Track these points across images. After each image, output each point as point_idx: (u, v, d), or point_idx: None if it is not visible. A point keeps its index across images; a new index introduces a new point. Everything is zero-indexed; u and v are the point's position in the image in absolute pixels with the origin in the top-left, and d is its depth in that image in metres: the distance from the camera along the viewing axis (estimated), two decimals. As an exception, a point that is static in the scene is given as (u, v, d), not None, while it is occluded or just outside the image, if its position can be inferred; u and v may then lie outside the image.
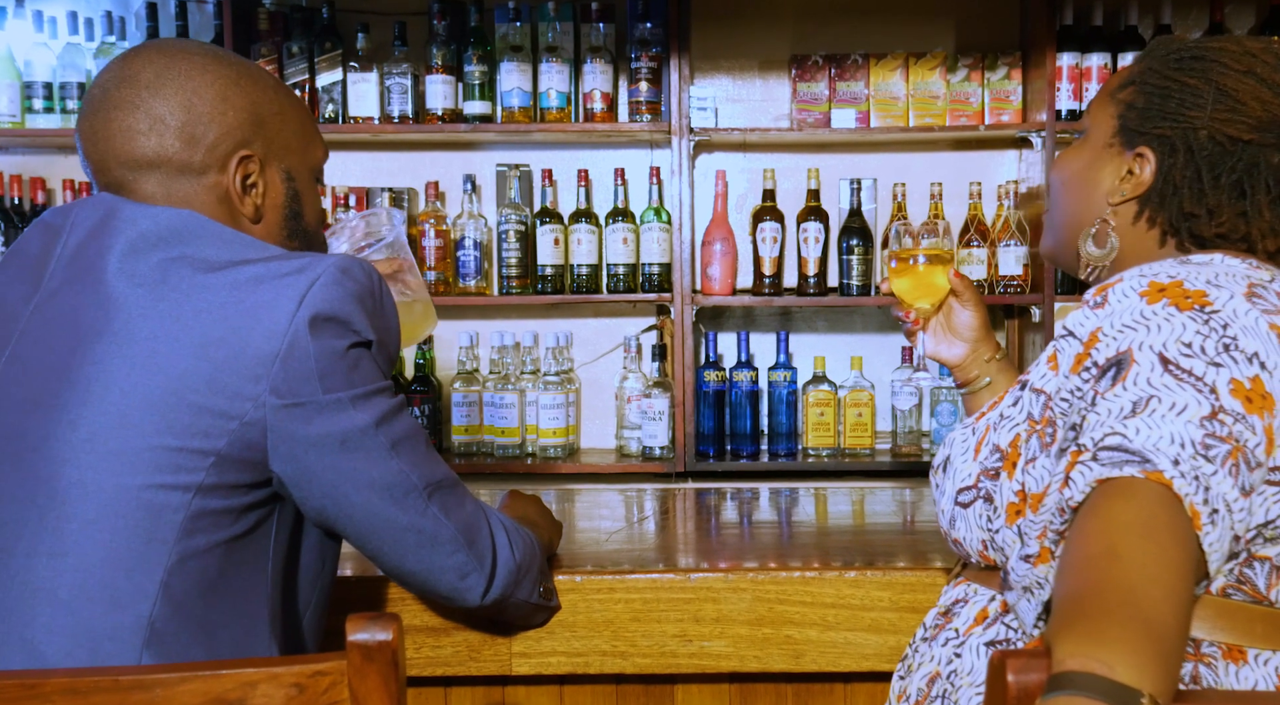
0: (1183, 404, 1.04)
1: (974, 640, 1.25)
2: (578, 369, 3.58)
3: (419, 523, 1.29)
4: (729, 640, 1.60)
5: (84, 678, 1.02)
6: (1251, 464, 1.03)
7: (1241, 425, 1.04)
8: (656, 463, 3.37)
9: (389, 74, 3.41)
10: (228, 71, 1.32)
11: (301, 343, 1.19)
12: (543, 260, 3.45)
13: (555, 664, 1.61)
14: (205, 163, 1.30)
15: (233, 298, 1.20)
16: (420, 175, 3.59)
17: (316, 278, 1.22)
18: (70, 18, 3.47)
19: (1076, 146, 1.35)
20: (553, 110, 3.41)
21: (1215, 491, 1.01)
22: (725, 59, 3.59)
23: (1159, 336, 1.09)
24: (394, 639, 1.04)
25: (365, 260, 1.31)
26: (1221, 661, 1.12)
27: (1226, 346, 1.08)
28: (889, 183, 3.47)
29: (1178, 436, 1.02)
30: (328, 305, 1.21)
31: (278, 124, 1.35)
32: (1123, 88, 1.30)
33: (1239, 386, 1.05)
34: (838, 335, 3.62)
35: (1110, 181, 1.29)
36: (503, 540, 1.38)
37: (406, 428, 1.29)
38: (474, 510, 1.36)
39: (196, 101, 1.29)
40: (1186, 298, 1.11)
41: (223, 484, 1.20)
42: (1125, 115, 1.28)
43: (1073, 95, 3.34)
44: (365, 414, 1.24)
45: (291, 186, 1.37)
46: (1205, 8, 3.43)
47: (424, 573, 1.33)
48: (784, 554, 1.76)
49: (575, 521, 2.18)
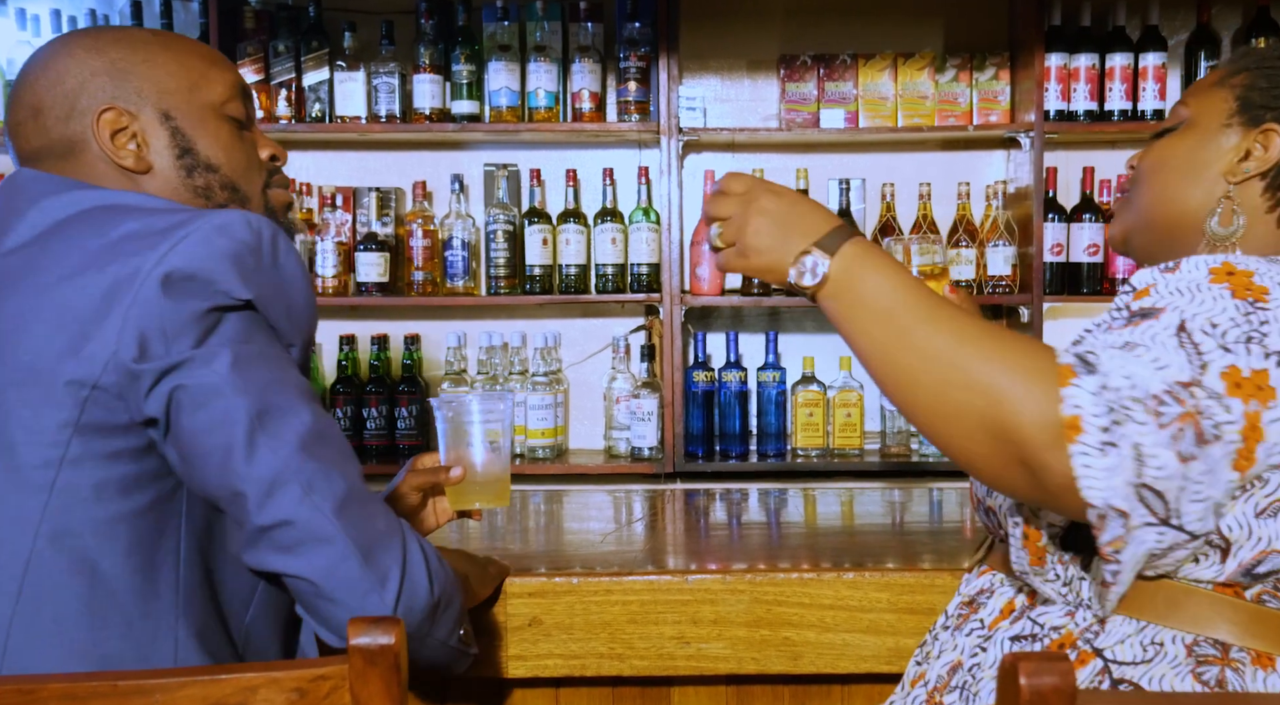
0: (1166, 363, 1.03)
1: (1000, 635, 1.24)
2: (566, 369, 3.57)
3: (293, 515, 1.16)
4: (727, 642, 1.60)
5: (82, 683, 1.01)
6: (1207, 437, 1.01)
7: (1213, 402, 1.02)
8: (645, 463, 3.36)
9: (376, 73, 3.40)
10: (86, 40, 1.32)
11: (150, 302, 1.14)
12: (531, 260, 3.44)
13: (551, 666, 1.59)
14: (82, 131, 1.29)
15: (97, 261, 1.17)
16: (407, 175, 3.57)
17: (187, 235, 1.16)
18: (54, 16, 3.44)
19: (1176, 136, 1.34)
20: (541, 110, 3.40)
21: (1127, 431, 0.99)
22: (714, 59, 3.59)
23: (1195, 308, 1.07)
24: (396, 642, 1.03)
25: (264, 217, 1.23)
26: (1250, 667, 1.12)
27: (1249, 338, 1.06)
28: (877, 183, 3.47)
29: (1136, 376, 1.01)
30: (187, 263, 1.15)
31: (145, 70, 1.31)
32: (1234, 74, 1.31)
33: (1234, 372, 1.04)
34: (826, 335, 3.61)
35: (1228, 161, 1.29)
36: (417, 559, 1.21)
37: (287, 403, 1.17)
38: (387, 527, 1.20)
39: (59, 79, 1.29)
40: (1247, 289, 1.09)
41: (88, 455, 1.15)
42: (1246, 96, 1.29)
43: (1061, 96, 3.34)
44: (216, 374, 1.15)
45: (171, 125, 1.32)
46: (1192, 9, 3.44)
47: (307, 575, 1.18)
48: (780, 555, 1.75)
49: (565, 523, 2.17)
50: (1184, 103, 1.35)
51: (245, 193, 1.37)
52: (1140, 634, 1.15)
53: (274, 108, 3.40)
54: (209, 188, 1.34)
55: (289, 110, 3.39)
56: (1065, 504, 1.03)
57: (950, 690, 1.26)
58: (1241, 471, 1.04)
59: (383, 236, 3.45)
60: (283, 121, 3.38)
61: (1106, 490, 1.00)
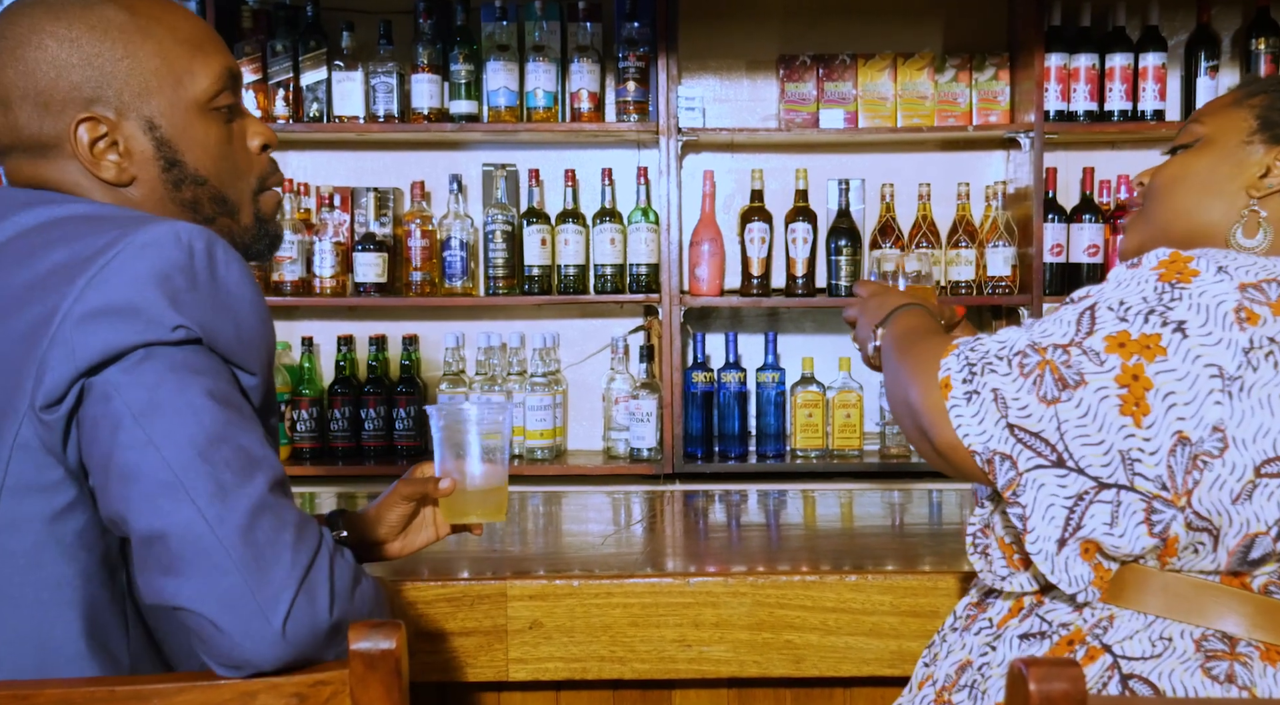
0: (1051, 331, 1.18)
1: (1009, 633, 1.25)
2: (565, 370, 3.55)
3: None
4: (728, 645, 1.59)
5: (79, 688, 1.00)
6: (1069, 381, 1.14)
7: (1085, 357, 1.15)
8: (644, 464, 3.35)
9: (374, 73, 3.38)
10: (57, 28, 1.18)
11: (65, 344, 1.03)
12: (529, 261, 3.43)
13: (553, 669, 1.58)
14: (55, 134, 1.18)
15: (24, 295, 1.06)
16: (406, 175, 3.56)
17: (107, 262, 1.04)
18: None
19: (1192, 152, 1.38)
20: (539, 110, 3.39)
21: (986, 380, 1.17)
22: (713, 59, 3.58)
23: (1113, 292, 1.18)
24: (397, 647, 1.02)
25: (197, 226, 1.11)
26: (1259, 662, 1.12)
27: (1152, 311, 1.15)
28: (877, 183, 3.46)
29: (1009, 339, 1.20)
30: (107, 295, 1.03)
31: (125, 70, 1.19)
32: (1252, 96, 1.36)
33: (1121, 335, 1.15)
34: (826, 336, 3.60)
35: (1250, 176, 1.33)
36: (321, 578, 1.06)
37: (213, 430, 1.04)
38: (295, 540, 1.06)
39: (29, 73, 1.17)
40: (1178, 274, 1.16)
41: (21, 518, 1.06)
42: (1267, 115, 1.33)
43: (1060, 96, 3.34)
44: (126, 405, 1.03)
45: (155, 135, 1.21)
46: (1192, 9, 3.44)
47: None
48: (780, 557, 1.74)
49: (565, 525, 2.16)
50: (1199, 121, 1.39)
51: (234, 203, 1.28)
52: (1149, 629, 1.16)
53: (271, 107, 3.38)
54: (197, 201, 1.24)
55: (287, 110, 3.38)
56: (959, 460, 1.19)
57: (959, 689, 1.26)
58: (1134, 417, 1.12)
59: (381, 237, 3.44)
60: (280, 121, 3.37)
61: (982, 434, 1.17)
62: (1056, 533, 1.15)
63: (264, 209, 1.32)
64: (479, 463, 1.46)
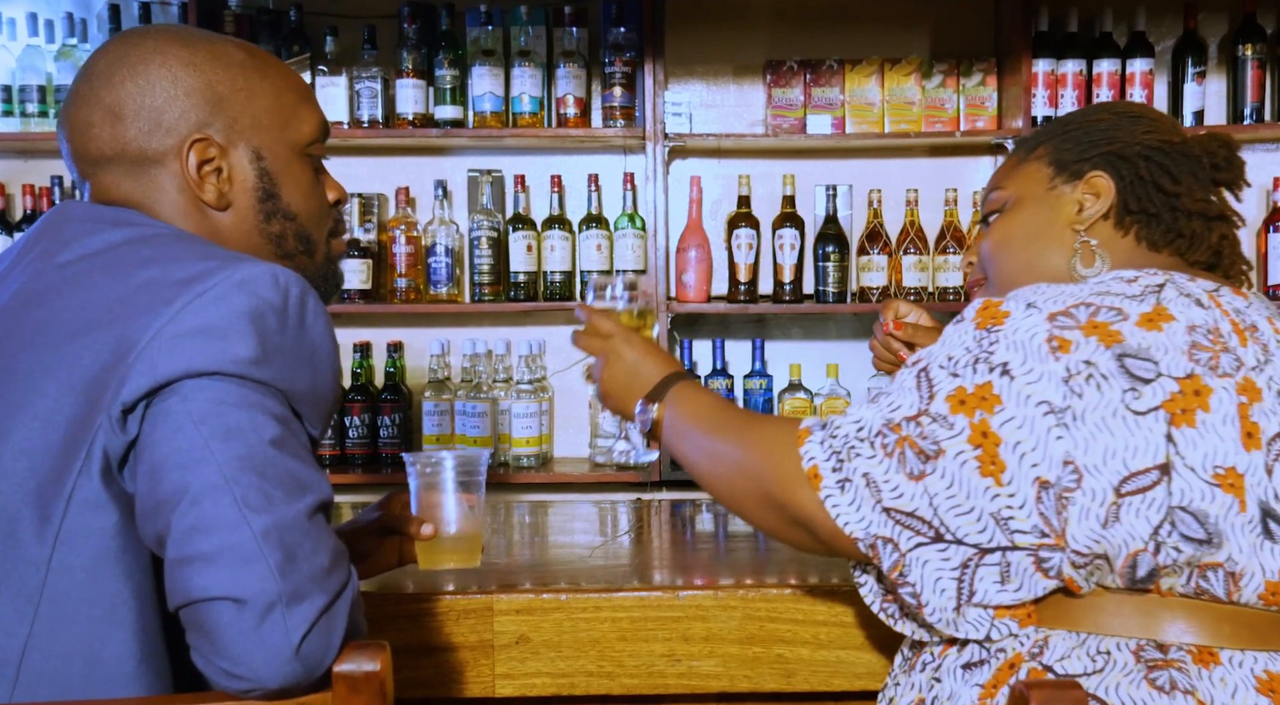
0: (899, 403, 1.19)
1: (949, 663, 1.25)
2: (551, 377, 3.53)
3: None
4: (719, 659, 1.57)
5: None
6: (929, 452, 1.15)
7: (937, 424, 1.16)
8: (631, 472, 3.33)
9: (358, 78, 3.36)
10: (182, 52, 1.23)
11: (151, 360, 1.05)
12: (515, 267, 3.41)
13: (540, 685, 1.56)
14: (162, 151, 1.22)
15: (115, 308, 1.09)
16: (390, 181, 3.54)
17: (205, 290, 1.08)
18: (30, 19, 3.39)
19: (1005, 216, 1.41)
20: (525, 115, 3.37)
21: (855, 465, 1.18)
22: (700, 64, 3.56)
23: (940, 350, 1.21)
24: (382, 669, 1.00)
25: (293, 273, 1.14)
26: (1192, 666, 1.13)
27: (977, 360, 1.17)
28: (864, 189, 3.45)
29: (865, 419, 1.21)
30: (199, 320, 1.06)
31: (242, 101, 1.25)
32: (1033, 150, 1.41)
33: (959, 392, 1.16)
34: (813, 342, 3.59)
35: (1067, 214, 1.36)
36: (341, 612, 1.06)
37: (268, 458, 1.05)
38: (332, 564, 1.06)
39: (148, 88, 1.22)
40: (992, 318, 1.19)
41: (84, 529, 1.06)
42: (1058, 158, 1.38)
43: (1048, 102, 3.33)
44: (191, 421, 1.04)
45: (260, 166, 1.26)
46: (1179, 15, 3.44)
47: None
48: (769, 569, 1.73)
49: (552, 536, 2.14)
50: (999, 187, 1.44)
51: (315, 242, 1.33)
52: (1083, 646, 1.17)
53: (255, 113, 3.36)
54: (283, 235, 1.29)
55: (270, 115, 3.35)
56: (842, 547, 1.21)
57: None
58: (994, 477, 1.14)
59: (365, 243, 3.42)
60: (263, 127, 3.34)
61: (862, 521, 1.18)
62: (951, 602, 1.18)
63: (335, 252, 1.38)
64: (457, 510, 1.47)
